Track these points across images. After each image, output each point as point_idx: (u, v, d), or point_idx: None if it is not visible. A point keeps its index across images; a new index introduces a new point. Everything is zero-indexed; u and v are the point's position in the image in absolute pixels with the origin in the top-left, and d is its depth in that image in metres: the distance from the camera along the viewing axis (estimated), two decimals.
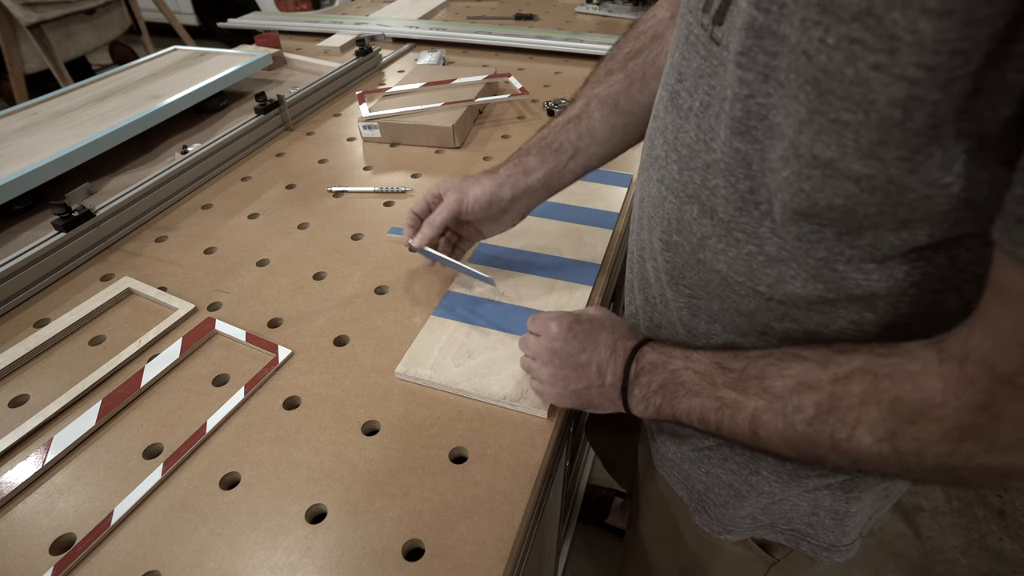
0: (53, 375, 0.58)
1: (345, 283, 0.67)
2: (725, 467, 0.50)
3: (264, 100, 0.96)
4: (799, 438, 0.35)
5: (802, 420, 0.34)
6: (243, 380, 0.56)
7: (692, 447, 0.52)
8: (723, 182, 0.35)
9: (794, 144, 0.29)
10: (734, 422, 0.38)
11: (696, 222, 0.39)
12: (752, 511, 0.51)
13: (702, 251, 0.40)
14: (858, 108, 0.26)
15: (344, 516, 0.45)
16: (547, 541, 0.75)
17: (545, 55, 1.32)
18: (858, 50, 0.25)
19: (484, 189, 0.57)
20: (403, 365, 0.56)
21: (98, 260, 0.73)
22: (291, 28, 1.52)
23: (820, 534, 0.50)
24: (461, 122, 0.95)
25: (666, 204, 0.42)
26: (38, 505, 0.47)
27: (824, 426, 0.33)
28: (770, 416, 0.36)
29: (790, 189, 0.31)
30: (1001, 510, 1.41)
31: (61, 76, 2.00)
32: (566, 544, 1.20)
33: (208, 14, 4.02)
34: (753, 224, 0.35)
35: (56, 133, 0.87)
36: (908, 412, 0.30)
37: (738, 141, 0.33)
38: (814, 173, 0.29)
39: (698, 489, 0.54)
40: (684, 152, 0.38)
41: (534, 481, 0.47)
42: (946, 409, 0.29)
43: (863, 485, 0.46)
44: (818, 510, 0.48)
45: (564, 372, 0.47)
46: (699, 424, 0.41)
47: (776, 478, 0.47)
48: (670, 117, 0.40)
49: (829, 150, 0.28)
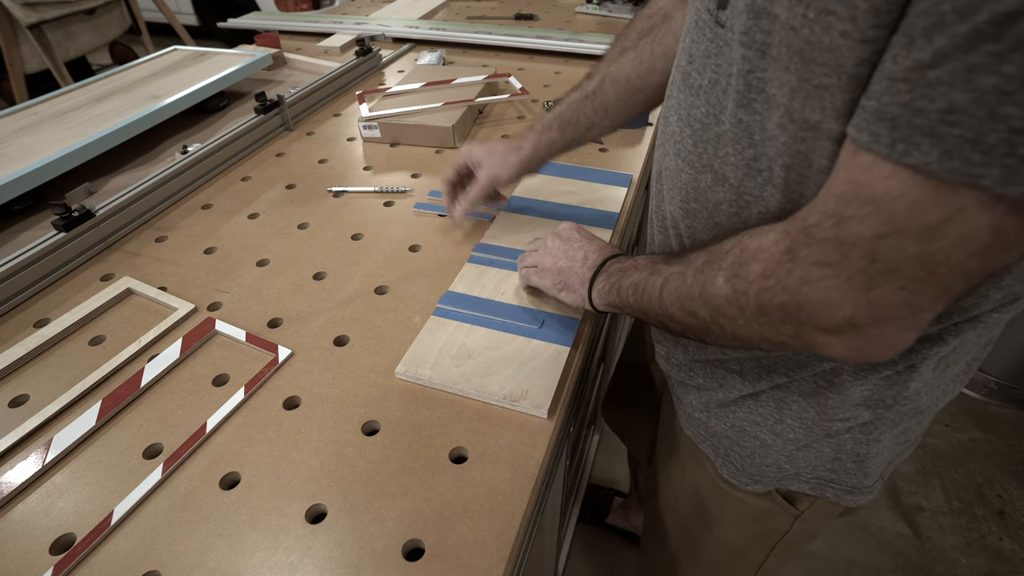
0: (53, 375, 0.58)
1: (345, 283, 0.67)
2: (750, 419, 0.53)
3: (264, 100, 0.96)
4: (684, 290, 0.42)
5: (691, 272, 0.42)
6: (243, 380, 0.56)
7: (718, 402, 0.55)
8: (731, 151, 0.39)
9: (788, 111, 0.34)
10: (652, 287, 0.46)
11: (711, 189, 0.43)
12: (777, 459, 0.53)
13: (718, 215, 0.44)
14: (832, 72, 0.30)
15: (344, 516, 0.45)
16: (547, 541, 0.75)
17: (545, 55, 1.32)
18: (832, 20, 0.28)
19: (515, 170, 0.67)
20: (403, 365, 0.56)
21: (98, 260, 0.73)
22: (291, 28, 1.52)
23: (843, 478, 0.52)
24: (461, 122, 0.95)
25: (683, 175, 0.46)
26: (38, 505, 0.47)
27: (702, 275, 0.40)
28: (677, 277, 0.43)
29: (789, 152, 0.35)
30: (1001, 510, 1.41)
31: (61, 76, 2.00)
32: (566, 544, 1.20)
33: (208, 14, 4.03)
34: (759, 188, 0.39)
35: (56, 133, 0.87)
36: (747, 256, 0.37)
37: (742, 112, 0.37)
38: (807, 135, 0.33)
39: (724, 444, 0.57)
40: (696, 126, 0.43)
41: (534, 481, 0.47)
42: (766, 253, 0.35)
43: (881, 427, 0.48)
44: (840, 454, 0.50)
45: (557, 251, 0.58)
46: (632, 296, 0.48)
47: (800, 424, 0.50)
48: (683, 96, 0.44)
49: (815, 113, 0.32)
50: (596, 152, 0.93)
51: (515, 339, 0.58)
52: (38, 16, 1.90)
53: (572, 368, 0.57)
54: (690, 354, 0.56)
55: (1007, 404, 1.65)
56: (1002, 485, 1.46)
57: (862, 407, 0.46)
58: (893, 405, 0.46)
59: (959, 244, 0.28)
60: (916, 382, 0.44)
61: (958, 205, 0.27)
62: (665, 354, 0.61)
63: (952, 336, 0.41)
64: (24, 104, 0.96)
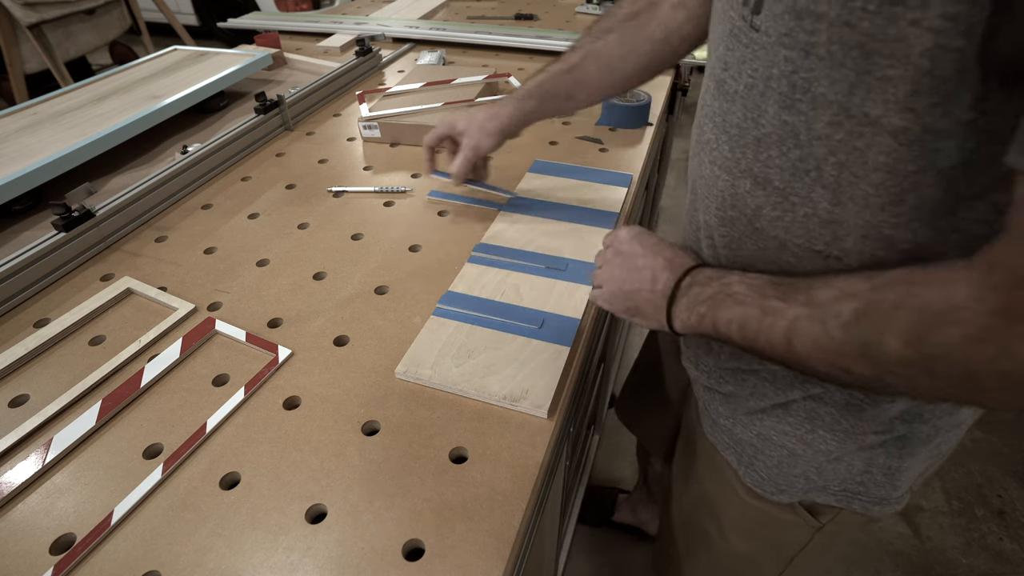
0: (53, 375, 0.58)
1: (345, 283, 0.67)
2: (778, 428, 0.51)
3: (264, 100, 0.96)
4: (831, 344, 0.36)
5: (837, 325, 0.35)
6: (243, 380, 0.56)
7: (745, 410, 0.53)
8: (776, 152, 0.39)
9: (844, 107, 0.33)
10: (772, 330, 0.39)
11: (750, 194, 0.42)
12: (806, 470, 0.51)
13: (758, 220, 0.43)
14: (898, 63, 0.30)
15: (344, 516, 0.45)
16: (547, 541, 0.75)
17: (545, 55, 1.32)
18: (899, 11, 0.29)
19: (495, 138, 0.68)
20: (403, 365, 0.56)
21: (98, 260, 0.73)
22: (291, 28, 1.52)
23: (872, 490, 0.51)
24: None
25: (719, 183, 0.45)
26: (38, 505, 0.47)
27: (857, 330, 0.34)
28: (808, 323, 0.37)
29: (844, 150, 0.35)
30: (1001, 510, 1.41)
31: (61, 76, 2.00)
32: (566, 544, 1.20)
33: (208, 14, 4.03)
34: (806, 189, 0.38)
35: (56, 133, 0.87)
36: (934, 316, 0.31)
37: (786, 114, 0.37)
38: (865, 131, 0.33)
39: (748, 452, 0.55)
40: (733, 132, 0.42)
41: (534, 481, 0.47)
42: (968, 312, 0.29)
43: (916, 441, 0.47)
44: (871, 468, 0.49)
45: (621, 273, 0.51)
46: (737, 334, 0.41)
47: (833, 436, 0.48)
48: (717, 103, 0.44)
49: (876, 107, 0.32)
50: (596, 152, 0.93)
51: (515, 339, 0.58)
52: (38, 16, 1.90)
53: (572, 368, 0.57)
54: (722, 362, 0.54)
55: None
56: (1002, 485, 1.46)
57: (898, 421, 0.45)
58: (931, 419, 0.45)
59: None
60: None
61: None
62: (694, 359, 0.59)
63: None
64: (24, 104, 0.96)
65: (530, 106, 0.67)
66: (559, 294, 0.64)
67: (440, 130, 0.73)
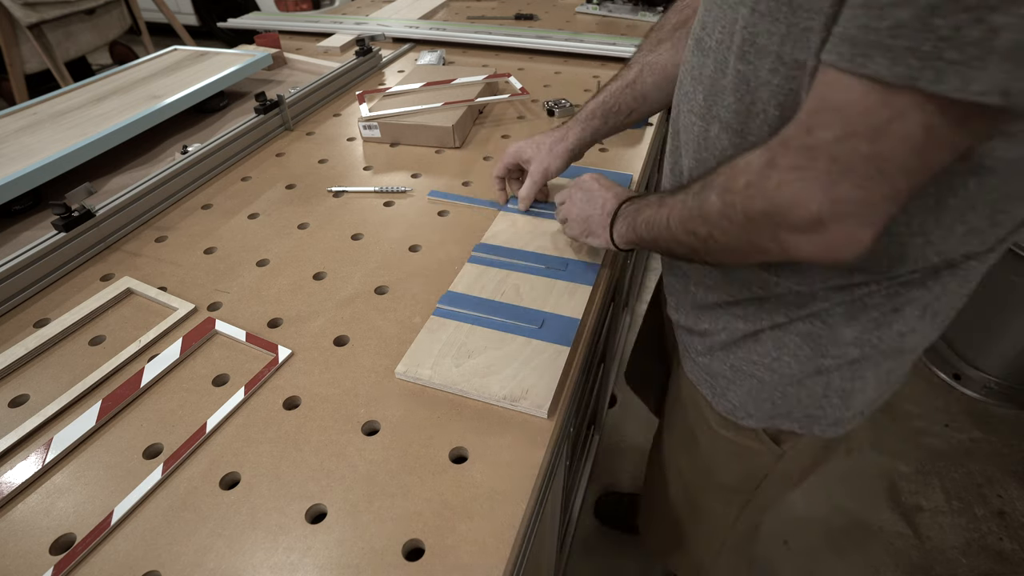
0: (53, 375, 0.58)
1: (345, 283, 0.67)
2: (749, 359, 0.58)
3: (264, 100, 0.96)
4: (685, 212, 0.48)
5: (690, 196, 0.48)
6: (243, 380, 0.56)
7: (721, 344, 0.60)
8: (732, 99, 0.45)
9: (779, 55, 0.40)
10: (660, 218, 0.52)
11: (717, 138, 0.49)
12: (772, 395, 0.58)
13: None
14: (815, 15, 0.36)
15: (344, 516, 0.45)
16: (547, 541, 0.75)
17: (545, 55, 1.32)
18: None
19: (563, 159, 0.73)
20: (403, 365, 0.56)
21: (98, 260, 0.73)
22: (291, 28, 1.52)
23: (828, 413, 0.58)
24: (461, 122, 0.95)
25: (695, 128, 0.52)
26: (38, 505, 0.47)
27: (699, 197, 0.47)
28: (678, 205, 0.49)
29: (782, 92, 0.41)
30: (1001, 510, 1.41)
31: (61, 76, 2.00)
32: (566, 544, 1.20)
33: (208, 14, 4.03)
34: (757, 128, 0.45)
35: (56, 133, 0.87)
36: (735, 172, 0.43)
37: (740, 64, 0.43)
38: (796, 74, 0.40)
39: (721, 384, 0.62)
40: (706, 83, 0.48)
41: (534, 481, 0.47)
42: (752, 166, 0.41)
43: (867, 365, 0.54)
44: (829, 392, 0.56)
45: (581, 203, 0.65)
46: (646, 230, 0.55)
47: (795, 361, 0.55)
48: (695, 59, 0.50)
49: (802, 53, 0.38)
50: (596, 152, 0.93)
51: (515, 339, 0.58)
52: (38, 16, 1.90)
53: (572, 368, 0.57)
54: (698, 300, 0.61)
55: (1007, 404, 1.65)
56: (1002, 485, 1.46)
57: (852, 346, 0.52)
58: (879, 345, 0.52)
59: (901, 142, 0.33)
60: (900, 324, 0.50)
61: (899, 106, 0.32)
62: (675, 304, 0.67)
63: (932, 281, 0.47)
64: (24, 104, 0.96)
65: (596, 125, 0.72)
66: (559, 294, 0.64)
67: (507, 160, 0.76)
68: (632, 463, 1.53)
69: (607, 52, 1.26)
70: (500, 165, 0.77)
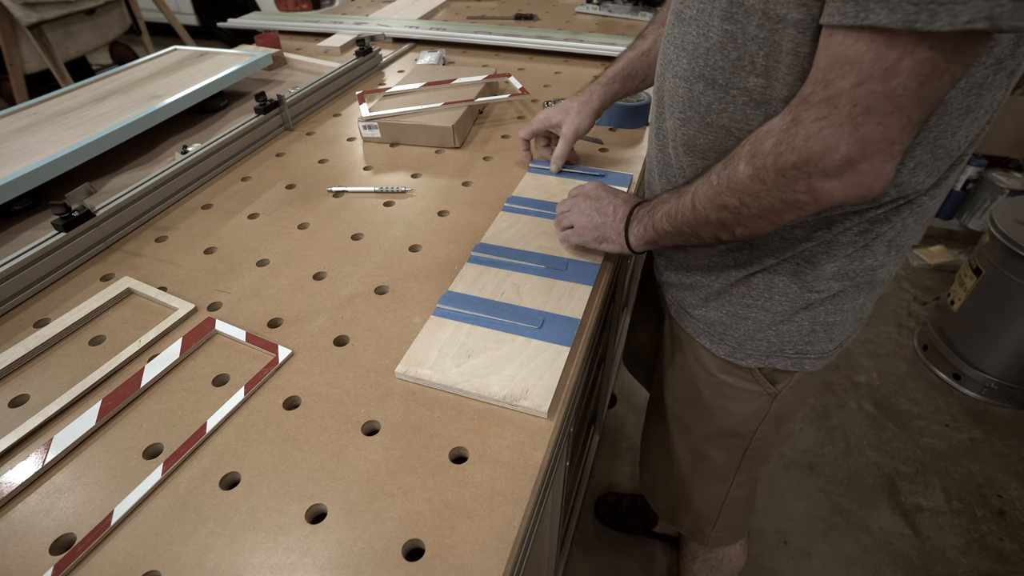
0: (53, 375, 0.58)
1: (345, 283, 0.67)
2: (744, 302, 0.64)
3: (264, 100, 0.96)
4: (712, 190, 0.52)
5: (715, 173, 0.51)
6: (243, 380, 0.56)
7: (717, 292, 0.65)
8: (719, 56, 0.50)
9: (764, 12, 0.45)
10: (683, 205, 0.55)
11: (703, 95, 0.54)
12: (767, 334, 0.64)
13: (709, 115, 0.54)
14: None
15: (344, 516, 0.45)
16: (547, 541, 0.75)
17: (545, 55, 1.32)
18: None
19: (590, 120, 0.81)
20: (403, 365, 0.56)
21: (98, 260, 0.73)
22: (291, 28, 1.52)
23: (816, 346, 0.64)
24: (461, 122, 0.95)
25: (679, 91, 0.56)
26: (38, 505, 0.47)
27: (725, 171, 0.50)
28: (702, 186, 0.53)
29: (768, 44, 0.46)
30: (1001, 510, 1.41)
31: (61, 76, 2.00)
32: (566, 544, 1.20)
33: (208, 14, 4.03)
34: (742, 80, 0.50)
35: (56, 133, 0.87)
36: (761, 137, 0.47)
37: (727, 24, 0.48)
38: (778, 27, 0.44)
39: (719, 330, 0.67)
40: (689, 48, 0.53)
41: (534, 481, 0.47)
42: (776, 128, 0.45)
43: (845, 297, 0.60)
44: (816, 326, 0.62)
45: (591, 211, 0.67)
46: (667, 222, 0.58)
47: (785, 298, 0.61)
48: (677, 29, 0.55)
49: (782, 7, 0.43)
50: (596, 152, 0.93)
51: (515, 339, 0.58)
52: (38, 16, 1.90)
53: (572, 368, 0.57)
54: (689, 255, 0.67)
55: (1007, 404, 1.65)
56: (1002, 485, 1.46)
57: (832, 280, 0.59)
58: (855, 277, 0.59)
59: (910, 77, 0.38)
60: (871, 259, 0.57)
61: (903, 47, 0.37)
62: (664, 263, 0.72)
63: (895, 217, 0.54)
64: (24, 104, 0.96)
65: (615, 89, 0.80)
66: (559, 294, 0.64)
67: (536, 125, 0.83)
68: (632, 463, 1.53)
69: (607, 52, 1.26)
70: (528, 129, 0.84)
